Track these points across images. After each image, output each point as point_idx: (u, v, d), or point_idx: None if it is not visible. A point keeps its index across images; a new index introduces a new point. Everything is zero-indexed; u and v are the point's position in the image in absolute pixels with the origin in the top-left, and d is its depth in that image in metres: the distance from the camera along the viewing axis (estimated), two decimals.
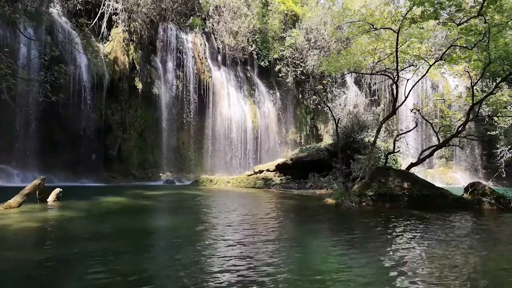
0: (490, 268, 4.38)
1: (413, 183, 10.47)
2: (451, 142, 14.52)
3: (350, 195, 10.12)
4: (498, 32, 10.46)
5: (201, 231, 6.37)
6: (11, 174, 16.18)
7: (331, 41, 26.79)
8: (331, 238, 6.06)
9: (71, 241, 5.32)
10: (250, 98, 25.77)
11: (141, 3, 21.32)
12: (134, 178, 20.24)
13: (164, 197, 12.66)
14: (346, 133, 17.57)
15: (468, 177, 24.53)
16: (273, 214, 8.75)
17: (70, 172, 17.72)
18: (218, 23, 24.89)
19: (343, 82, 27.76)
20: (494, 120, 17.28)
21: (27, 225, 6.38)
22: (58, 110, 16.29)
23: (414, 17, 10.92)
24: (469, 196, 10.19)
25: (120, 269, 3.98)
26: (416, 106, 20.79)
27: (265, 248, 4.96)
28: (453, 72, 17.18)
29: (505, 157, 18.82)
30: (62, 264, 4.13)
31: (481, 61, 11.95)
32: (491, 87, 14.84)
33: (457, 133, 12.44)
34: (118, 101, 20.33)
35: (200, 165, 23.16)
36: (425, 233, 6.36)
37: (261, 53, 26.55)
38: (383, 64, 15.20)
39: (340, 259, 4.50)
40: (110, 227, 6.55)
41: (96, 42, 20.06)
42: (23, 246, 5.04)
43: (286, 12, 27.67)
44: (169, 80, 22.42)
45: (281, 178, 18.23)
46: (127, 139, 20.56)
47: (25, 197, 8.27)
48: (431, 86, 28.10)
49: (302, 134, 28.34)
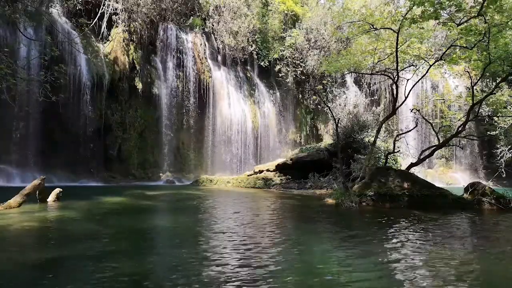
0: (490, 268, 4.38)
1: (413, 183, 10.47)
2: (451, 142, 14.52)
3: (350, 195, 10.12)
4: (498, 32, 10.46)
5: (201, 231, 6.37)
6: (11, 174, 16.18)
7: (331, 41, 26.80)
8: (331, 238, 6.05)
9: (71, 241, 5.32)
10: (250, 98, 25.77)
11: (141, 3, 21.33)
12: (134, 178, 20.24)
13: (164, 197, 12.66)
14: (346, 133, 17.57)
15: (468, 177, 24.53)
16: (273, 214, 8.75)
17: (70, 172, 17.72)
18: (218, 23, 24.90)
19: (343, 82, 27.76)
20: (494, 120, 17.27)
21: (27, 225, 6.37)
22: (58, 110, 16.31)
23: (414, 17, 10.93)
24: (469, 196, 10.19)
25: (120, 269, 3.98)
26: (416, 106, 20.78)
27: (265, 248, 4.96)
28: (453, 72, 17.17)
29: (505, 157, 18.83)
30: (62, 264, 4.13)
31: (481, 61, 11.94)
32: (491, 87, 14.85)
33: (457, 133, 12.44)
34: (118, 101, 20.35)
35: (200, 165, 23.17)
36: (425, 233, 6.36)
37: (261, 53, 26.55)
38: (383, 64, 15.19)
39: (340, 259, 4.50)
40: (110, 227, 6.55)
41: (96, 42, 20.07)
42: (23, 246, 5.03)
43: (286, 12, 27.66)
44: (169, 80, 22.42)
45: (281, 178, 18.23)
46: (127, 139, 20.57)
47: (25, 197, 8.27)
48: (431, 86, 28.10)
49: (302, 134, 28.34)
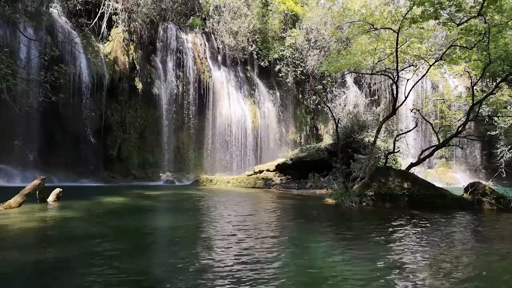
0: (490, 268, 4.38)
1: (413, 183, 10.48)
2: (451, 142, 14.52)
3: (350, 195, 10.12)
4: (498, 32, 10.48)
5: (201, 231, 6.37)
6: (11, 174, 16.17)
7: (331, 41, 26.78)
8: (331, 238, 6.05)
9: (71, 241, 5.32)
10: (250, 98, 25.76)
11: (141, 3, 21.32)
12: (134, 178, 20.22)
13: (164, 197, 12.66)
14: (346, 133, 17.57)
15: (468, 177, 24.50)
16: (273, 214, 8.75)
17: (70, 172, 17.70)
18: (218, 23, 24.89)
19: (343, 82, 27.75)
20: (494, 120, 17.29)
21: (27, 225, 6.37)
22: (58, 110, 16.29)
23: (414, 17, 10.95)
24: (469, 196, 10.19)
25: (120, 269, 3.98)
26: (416, 106, 20.79)
27: (265, 248, 4.96)
28: (453, 72, 17.18)
29: (505, 157, 18.85)
30: (62, 264, 4.13)
31: (481, 61, 11.95)
32: (491, 87, 14.87)
33: (457, 133, 12.45)
34: (118, 101, 20.33)
35: (200, 165, 23.16)
36: (425, 233, 6.36)
37: (261, 53, 26.53)
38: (383, 64, 15.20)
39: (340, 259, 4.50)
40: (110, 227, 6.55)
41: (96, 42, 20.05)
42: (23, 246, 5.03)
43: (286, 12, 27.63)
44: (169, 80, 22.40)
45: (281, 178, 18.23)
46: (127, 139, 20.56)
47: (25, 197, 8.27)
48: (431, 86, 28.08)
49: (302, 134, 28.33)
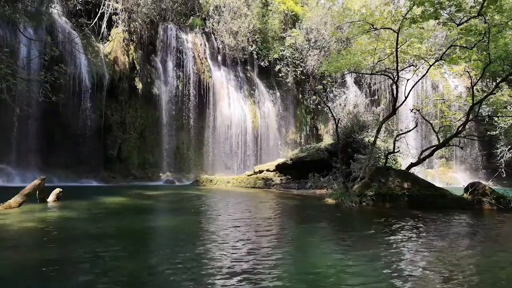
0: (490, 268, 4.38)
1: (413, 183, 10.47)
2: (451, 142, 14.51)
3: (350, 195, 10.12)
4: (498, 32, 10.48)
5: (201, 231, 6.37)
6: (11, 174, 16.16)
7: (331, 41, 26.77)
8: (331, 238, 6.05)
9: (71, 241, 5.32)
10: (250, 98, 25.76)
11: (141, 3, 21.31)
12: (134, 178, 20.21)
13: (164, 197, 12.66)
14: (346, 133, 17.57)
15: (468, 177, 24.49)
16: (273, 214, 8.75)
17: (70, 172, 17.69)
18: (218, 23, 24.88)
19: (343, 82, 27.74)
20: (494, 120, 17.28)
21: (27, 225, 6.37)
22: (58, 110, 16.27)
23: (414, 17, 10.94)
24: (469, 196, 10.19)
25: (120, 269, 3.98)
26: (416, 106, 20.78)
27: (265, 248, 4.96)
28: (453, 72, 17.18)
29: (505, 157, 18.86)
30: (62, 264, 4.12)
31: (481, 61, 11.95)
32: (491, 87, 14.86)
33: (457, 133, 12.45)
34: (118, 101, 20.32)
35: (200, 165, 23.15)
36: (425, 233, 6.36)
37: (261, 53, 26.52)
38: (383, 64, 15.20)
39: (340, 259, 4.50)
40: (110, 227, 6.55)
41: (96, 42, 20.05)
42: (23, 246, 5.03)
43: (286, 12, 27.63)
44: (169, 80, 22.40)
45: (281, 178, 18.23)
46: (127, 139, 20.55)
47: (25, 197, 8.26)
48: (431, 86, 28.07)
49: (302, 134, 28.32)
